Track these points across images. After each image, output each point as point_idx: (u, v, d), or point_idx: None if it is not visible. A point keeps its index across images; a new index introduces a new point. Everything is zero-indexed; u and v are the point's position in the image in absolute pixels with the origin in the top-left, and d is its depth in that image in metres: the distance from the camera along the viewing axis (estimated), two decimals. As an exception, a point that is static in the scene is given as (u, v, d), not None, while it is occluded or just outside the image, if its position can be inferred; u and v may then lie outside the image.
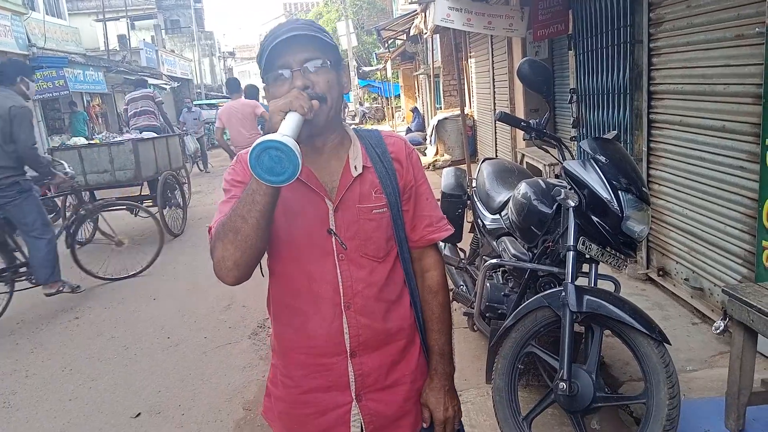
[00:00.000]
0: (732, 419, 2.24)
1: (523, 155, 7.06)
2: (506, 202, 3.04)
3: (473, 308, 3.13)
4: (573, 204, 2.36)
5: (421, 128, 15.46)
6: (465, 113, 8.89)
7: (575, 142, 5.20)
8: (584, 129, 5.24)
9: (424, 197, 1.42)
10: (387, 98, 25.42)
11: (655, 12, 3.73)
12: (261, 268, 1.33)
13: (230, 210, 1.19)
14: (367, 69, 26.80)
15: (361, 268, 1.32)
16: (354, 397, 1.34)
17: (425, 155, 11.79)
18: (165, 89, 23.58)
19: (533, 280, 2.75)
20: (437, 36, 11.13)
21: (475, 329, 3.27)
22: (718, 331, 3.11)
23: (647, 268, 4.11)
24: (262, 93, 1.64)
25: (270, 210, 1.16)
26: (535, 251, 2.72)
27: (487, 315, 2.98)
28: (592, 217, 2.33)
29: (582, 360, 2.33)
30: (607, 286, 2.47)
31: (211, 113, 19.33)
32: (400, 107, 23.18)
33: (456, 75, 7.86)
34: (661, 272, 3.94)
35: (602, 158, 2.35)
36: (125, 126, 9.48)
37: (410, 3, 11.48)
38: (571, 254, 2.32)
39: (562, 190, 2.42)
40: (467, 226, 3.76)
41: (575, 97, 5.31)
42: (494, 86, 8.82)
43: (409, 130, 16.03)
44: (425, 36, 10.30)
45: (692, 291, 3.53)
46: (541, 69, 2.51)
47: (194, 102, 25.03)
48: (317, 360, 1.33)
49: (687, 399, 2.50)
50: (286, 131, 1.09)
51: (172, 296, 5.13)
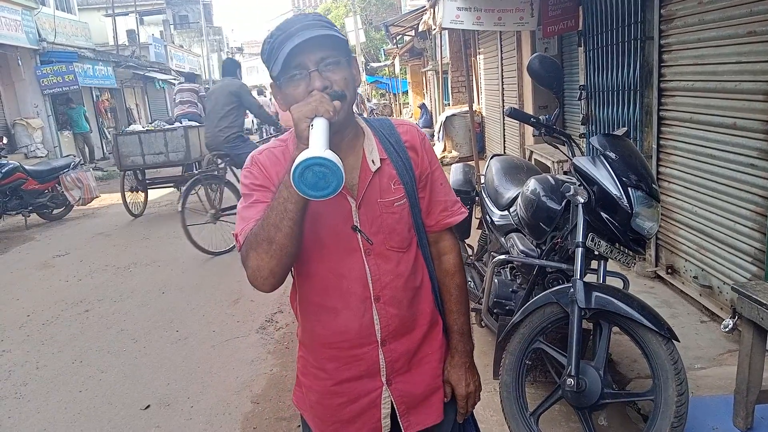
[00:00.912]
0: (740, 417, 2.23)
1: (532, 152, 7.04)
2: (515, 199, 3.03)
3: (481, 304, 3.14)
4: (582, 200, 2.36)
5: (429, 124, 15.44)
6: (473, 110, 8.87)
7: (584, 139, 5.19)
8: (594, 126, 5.22)
9: (439, 182, 1.44)
10: (395, 94, 25.38)
11: (666, 8, 3.70)
12: (292, 270, 1.35)
13: (261, 219, 1.19)
14: (375, 65, 26.76)
15: (389, 261, 1.34)
16: (384, 382, 1.38)
17: (433, 152, 11.76)
18: (173, 84, 23.68)
19: (541, 277, 2.75)
20: (446, 32, 11.11)
21: (483, 325, 3.28)
22: (727, 330, 3.08)
23: (656, 266, 4.10)
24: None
25: (302, 216, 1.17)
26: (544, 247, 2.72)
27: (495, 311, 2.99)
28: (602, 214, 2.33)
29: (590, 356, 2.33)
30: (616, 283, 2.47)
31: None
32: (408, 103, 23.14)
33: (464, 71, 7.83)
34: (670, 270, 3.92)
35: (612, 155, 2.35)
36: (134, 121, 10.24)
37: (419, -1, 11.49)
38: (580, 251, 2.32)
39: (572, 187, 2.41)
40: (475, 223, 3.76)
41: (585, 94, 5.29)
42: (503, 83, 8.80)
43: (417, 127, 15.99)
44: (434, 32, 10.28)
45: (701, 289, 3.52)
46: (552, 65, 2.51)
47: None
48: (349, 352, 1.36)
49: (695, 396, 2.50)
50: (322, 143, 1.08)
51: (181, 290, 5.17)
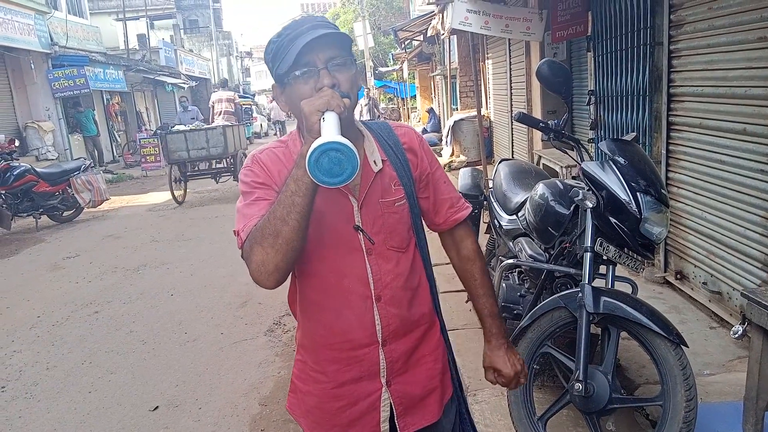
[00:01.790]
0: (750, 424, 2.22)
1: (540, 157, 7.02)
2: (523, 203, 3.03)
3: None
4: (591, 205, 2.36)
5: (437, 129, 15.43)
6: (481, 114, 8.87)
7: (593, 144, 5.18)
8: (603, 131, 5.20)
9: (442, 181, 1.47)
10: (403, 99, 25.40)
11: (676, 14, 3.70)
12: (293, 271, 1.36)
13: (267, 214, 1.19)
14: (384, 70, 26.81)
15: (389, 261, 1.36)
16: (384, 384, 1.39)
17: (441, 156, 11.78)
18: (183, 88, 23.82)
19: (549, 281, 2.74)
20: (454, 37, 11.12)
21: (491, 329, 3.26)
22: (737, 336, 3.06)
23: (665, 271, 4.08)
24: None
25: (309, 210, 1.18)
26: (552, 252, 2.72)
27: (503, 315, 2.99)
28: (610, 219, 2.32)
29: (598, 361, 2.32)
30: (625, 288, 2.46)
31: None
32: (416, 108, 23.15)
33: (473, 76, 7.85)
34: (679, 275, 3.90)
35: (621, 159, 2.35)
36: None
37: (428, 4, 11.48)
38: (589, 255, 2.32)
39: (580, 191, 2.42)
40: (483, 227, 3.76)
41: (594, 99, 5.28)
42: (511, 87, 8.79)
43: (425, 131, 16.01)
44: (442, 37, 10.30)
45: (710, 295, 3.50)
46: (561, 70, 2.51)
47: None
48: (350, 353, 1.36)
49: (704, 403, 2.49)
50: (335, 131, 1.10)
51: (190, 292, 5.20)
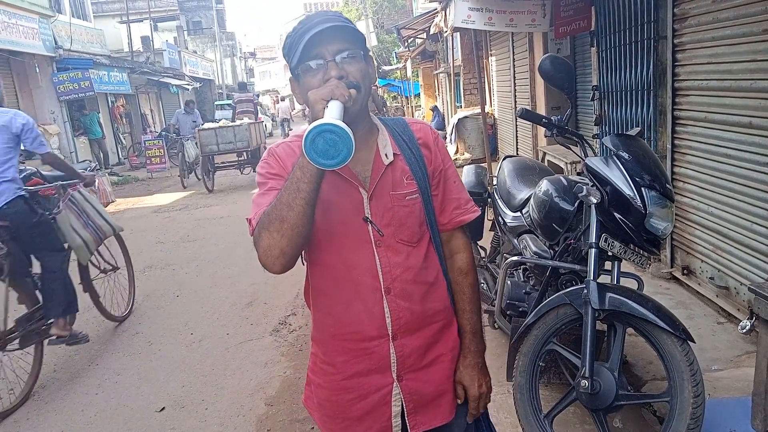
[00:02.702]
0: (759, 419, 2.20)
1: (545, 153, 7.00)
2: (527, 200, 3.02)
3: (494, 306, 3.13)
4: (595, 201, 2.34)
5: (441, 127, 15.41)
6: (485, 111, 8.84)
7: (598, 140, 5.15)
8: (607, 126, 5.18)
9: (452, 180, 1.46)
10: (407, 97, 25.39)
11: (680, 7, 3.67)
12: (302, 258, 1.36)
13: (274, 199, 1.22)
14: (387, 68, 26.78)
15: (398, 254, 1.35)
16: (395, 378, 1.38)
17: (445, 154, 11.74)
18: (188, 89, 23.88)
19: (555, 278, 2.73)
20: (457, 34, 11.09)
21: (496, 327, 3.26)
22: (744, 331, 3.04)
23: (671, 267, 4.05)
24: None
25: (314, 197, 1.19)
26: (557, 249, 2.71)
27: (508, 312, 2.98)
28: (615, 214, 2.31)
29: (604, 358, 2.31)
30: (630, 284, 2.45)
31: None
32: (420, 106, 23.13)
33: (476, 73, 7.83)
34: (686, 271, 3.88)
35: (625, 155, 2.33)
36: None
37: (430, 1, 11.46)
38: (594, 251, 2.30)
39: (584, 187, 2.40)
40: (488, 224, 3.75)
41: (598, 95, 5.25)
42: (515, 84, 8.77)
43: (429, 129, 15.97)
44: (445, 34, 10.28)
45: (717, 290, 3.48)
46: (563, 65, 2.50)
47: (215, 102, 25.25)
48: (359, 345, 1.37)
49: (712, 398, 2.47)
50: (336, 116, 1.12)
51: (195, 292, 5.21)
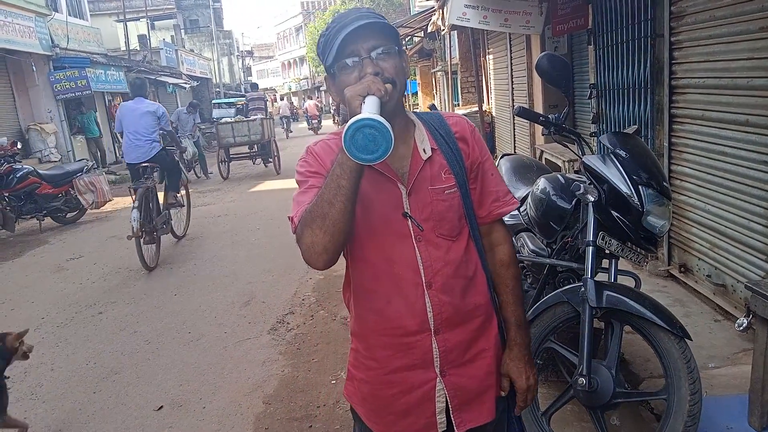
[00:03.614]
0: (755, 416, 2.21)
1: (542, 151, 7.01)
2: (525, 198, 3.02)
3: (492, 304, 3.12)
4: (592, 199, 2.34)
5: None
6: (483, 110, 8.86)
7: (595, 138, 5.16)
8: (604, 124, 5.19)
9: (490, 173, 1.46)
10: (404, 95, 25.36)
11: (677, 5, 3.68)
12: (343, 253, 1.37)
13: (316, 197, 1.23)
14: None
15: (438, 248, 1.35)
16: (438, 373, 1.38)
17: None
18: (185, 88, 23.82)
19: (552, 276, 2.73)
20: (455, 33, 11.09)
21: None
22: (741, 328, 3.04)
23: (668, 265, 4.06)
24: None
25: (355, 193, 1.20)
26: (554, 247, 2.71)
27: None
28: (612, 212, 2.31)
29: (602, 356, 2.31)
30: (628, 282, 2.45)
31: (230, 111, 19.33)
32: (418, 104, 23.11)
33: (474, 71, 7.84)
34: (683, 269, 3.89)
35: (622, 153, 2.33)
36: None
37: (428, 0, 11.46)
38: (591, 249, 2.30)
39: (582, 185, 2.40)
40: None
41: (595, 93, 5.26)
42: (512, 82, 8.77)
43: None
44: (443, 33, 10.27)
45: (714, 287, 3.49)
46: (561, 63, 2.49)
47: (213, 101, 25.26)
48: (401, 340, 1.37)
49: (709, 396, 2.48)
50: (374, 111, 1.12)
51: (193, 292, 5.20)
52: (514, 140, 8.99)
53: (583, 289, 2.21)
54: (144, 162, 6.49)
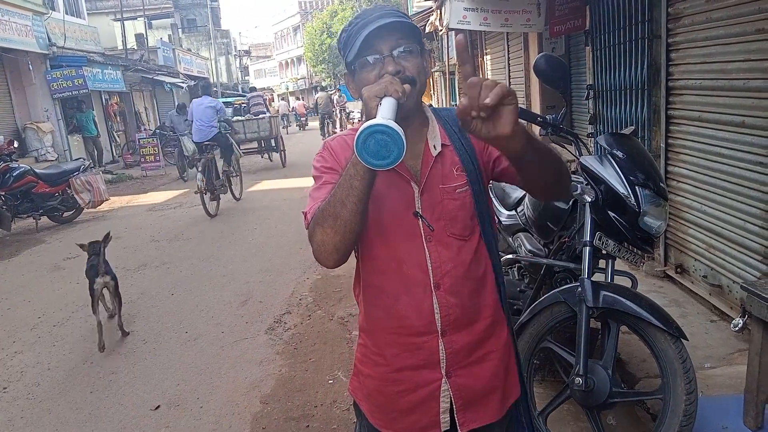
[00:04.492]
0: (750, 416, 2.22)
1: (539, 152, 7.01)
2: (522, 198, 3.03)
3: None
4: (589, 199, 2.35)
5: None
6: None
7: (592, 139, 5.17)
8: (601, 125, 5.20)
9: None
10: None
11: (674, 7, 3.69)
12: (354, 251, 1.37)
13: (328, 196, 1.23)
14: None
15: (449, 248, 1.34)
16: (444, 374, 1.37)
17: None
18: (182, 87, 23.78)
19: (549, 276, 2.74)
20: (452, 33, 11.09)
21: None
22: (737, 329, 3.07)
23: (665, 265, 4.08)
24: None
25: (367, 194, 1.19)
26: (551, 247, 2.72)
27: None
28: (609, 213, 2.32)
29: (598, 356, 2.32)
30: (624, 282, 2.46)
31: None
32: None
33: (472, 72, 7.84)
34: (679, 269, 3.90)
35: (619, 153, 2.34)
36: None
37: (425, 0, 11.45)
38: (588, 250, 2.31)
39: (579, 186, 2.41)
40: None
41: (592, 94, 5.27)
42: (510, 83, 8.78)
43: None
44: (441, 33, 10.28)
45: (711, 288, 3.50)
46: (558, 64, 2.50)
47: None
48: (408, 339, 1.36)
49: (705, 396, 2.49)
50: (387, 116, 1.11)
51: (190, 291, 5.20)
52: (512, 141, 8.99)
53: (580, 289, 2.22)
54: (206, 141, 8.85)
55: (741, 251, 3.20)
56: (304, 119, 30.66)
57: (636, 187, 2.26)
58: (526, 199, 2.89)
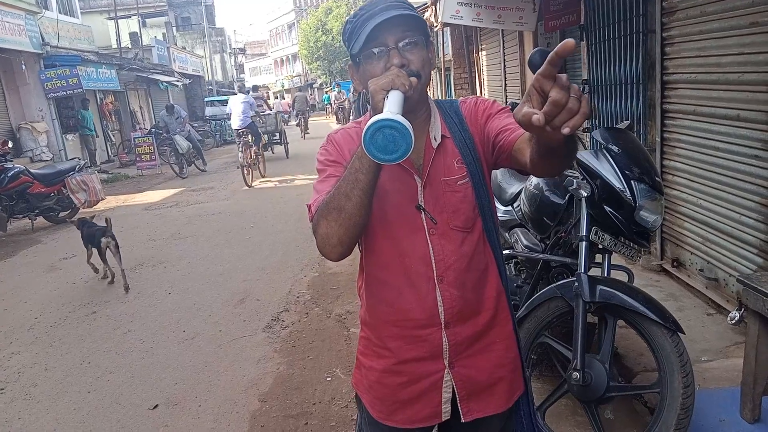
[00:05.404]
0: (747, 409, 2.23)
1: (535, 147, 7.01)
2: (518, 194, 3.03)
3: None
4: (585, 194, 2.36)
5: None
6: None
7: (587, 133, 5.17)
8: (597, 120, 5.20)
9: (504, 115, 1.34)
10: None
11: (668, 1, 3.69)
12: (358, 244, 1.36)
13: (333, 189, 1.22)
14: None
15: (452, 241, 1.34)
16: (447, 365, 1.37)
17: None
18: (177, 86, 23.71)
19: (546, 271, 2.75)
20: (448, 29, 11.09)
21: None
22: (734, 322, 3.09)
23: (661, 259, 4.09)
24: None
25: (372, 187, 1.19)
26: (548, 242, 2.73)
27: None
28: (605, 208, 2.33)
29: (595, 350, 2.33)
30: (621, 277, 2.47)
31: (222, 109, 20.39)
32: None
33: (467, 68, 7.84)
34: (676, 263, 3.91)
35: (615, 148, 2.35)
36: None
37: (420, -4, 11.44)
38: (584, 244, 2.32)
39: (575, 181, 2.42)
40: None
41: (587, 88, 5.27)
42: (506, 78, 8.78)
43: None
44: (436, 29, 10.27)
45: (707, 282, 3.51)
46: (553, 59, 2.50)
47: (205, 99, 25.26)
48: (412, 332, 1.36)
49: (702, 389, 2.50)
50: (395, 110, 1.11)
51: (187, 290, 5.19)
52: (508, 136, 8.99)
53: (577, 284, 2.22)
54: (242, 128, 11.36)
55: (737, 244, 3.21)
56: (287, 116, 31.92)
57: (632, 182, 2.27)
58: (523, 195, 2.90)
